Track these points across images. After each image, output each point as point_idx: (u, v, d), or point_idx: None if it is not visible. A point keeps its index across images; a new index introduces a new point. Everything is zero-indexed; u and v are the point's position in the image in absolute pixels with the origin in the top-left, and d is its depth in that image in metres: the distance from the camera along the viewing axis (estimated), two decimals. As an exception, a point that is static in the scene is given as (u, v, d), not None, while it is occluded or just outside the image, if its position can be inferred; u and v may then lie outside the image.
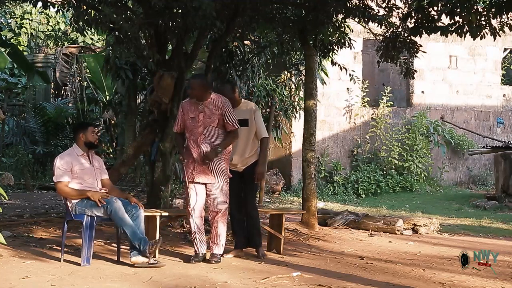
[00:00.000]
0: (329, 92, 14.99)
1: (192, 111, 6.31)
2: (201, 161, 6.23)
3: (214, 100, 6.33)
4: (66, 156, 6.18)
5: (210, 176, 6.28)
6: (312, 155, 8.80)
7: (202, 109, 6.29)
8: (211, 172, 6.27)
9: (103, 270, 5.86)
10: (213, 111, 6.28)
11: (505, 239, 9.32)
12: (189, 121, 6.31)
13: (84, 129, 6.29)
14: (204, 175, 6.29)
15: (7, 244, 5.23)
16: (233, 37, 9.63)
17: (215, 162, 6.27)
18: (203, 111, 6.29)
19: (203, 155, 6.23)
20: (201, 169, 6.27)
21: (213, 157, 6.24)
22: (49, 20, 22.10)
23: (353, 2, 8.36)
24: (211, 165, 6.25)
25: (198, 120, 6.27)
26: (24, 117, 17.19)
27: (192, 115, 6.30)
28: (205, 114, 6.28)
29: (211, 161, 6.23)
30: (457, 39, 9.12)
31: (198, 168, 6.28)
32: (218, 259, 6.36)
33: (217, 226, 6.36)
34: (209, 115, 6.28)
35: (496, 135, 17.07)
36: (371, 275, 6.15)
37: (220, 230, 6.37)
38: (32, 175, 13.58)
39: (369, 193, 14.57)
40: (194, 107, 6.32)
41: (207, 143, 6.25)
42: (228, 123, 6.31)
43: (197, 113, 6.29)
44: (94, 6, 7.73)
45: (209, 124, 6.28)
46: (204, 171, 6.27)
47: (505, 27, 7.70)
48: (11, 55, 13.87)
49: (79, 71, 18.03)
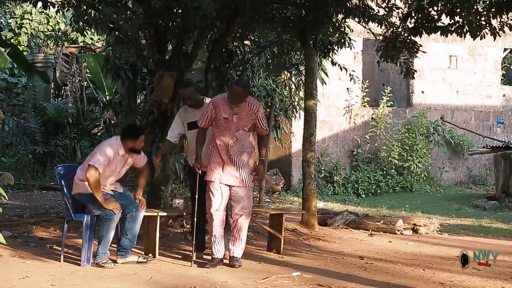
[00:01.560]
0: (329, 92, 14.99)
1: (226, 111, 6.17)
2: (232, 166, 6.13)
3: (250, 103, 6.25)
4: (111, 149, 6.07)
5: (238, 179, 6.17)
6: (312, 155, 8.80)
7: (237, 111, 6.18)
8: (240, 175, 6.17)
9: (103, 270, 5.86)
10: (247, 115, 6.21)
11: (505, 239, 9.32)
12: (221, 121, 6.16)
13: (135, 138, 6.17)
14: (233, 178, 6.17)
15: (7, 244, 5.24)
16: (233, 37, 9.63)
17: (245, 166, 6.18)
18: (238, 113, 6.18)
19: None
20: (230, 171, 6.15)
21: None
22: (49, 20, 22.09)
23: (353, 2, 8.36)
24: (240, 167, 6.16)
25: (231, 121, 6.16)
26: (24, 117, 17.17)
27: (226, 115, 6.16)
28: (239, 117, 6.18)
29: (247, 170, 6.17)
30: (457, 39, 9.12)
31: (227, 169, 6.15)
32: (240, 263, 6.25)
33: (240, 229, 6.25)
34: (243, 118, 6.20)
35: (496, 135, 17.07)
36: (371, 275, 6.15)
37: (244, 233, 6.29)
38: (32, 175, 13.57)
39: (369, 193, 14.56)
40: (228, 107, 6.18)
41: (237, 146, 6.16)
42: (262, 128, 6.31)
43: (231, 114, 6.17)
44: (94, 6, 7.72)
45: (242, 127, 6.19)
46: (233, 174, 6.16)
47: (505, 27, 7.70)
48: (11, 55, 13.87)
49: (79, 71, 18.03)
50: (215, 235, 6.17)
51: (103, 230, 6.00)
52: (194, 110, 6.53)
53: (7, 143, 15.49)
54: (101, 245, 5.99)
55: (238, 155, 6.17)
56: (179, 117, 6.69)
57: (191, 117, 6.49)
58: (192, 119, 6.46)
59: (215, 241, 6.19)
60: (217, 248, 6.20)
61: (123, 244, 6.15)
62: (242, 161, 6.18)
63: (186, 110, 6.68)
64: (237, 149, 6.16)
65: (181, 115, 6.68)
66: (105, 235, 5.99)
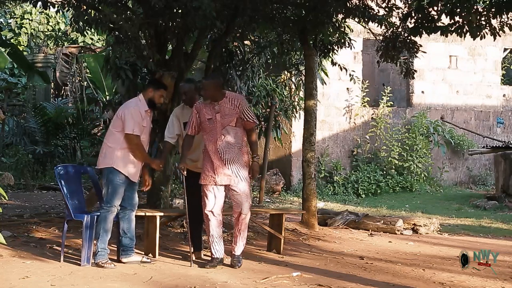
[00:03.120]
0: (329, 92, 14.99)
1: (208, 112, 6.15)
2: (223, 165, 6.08)
3: (230, 98, 6.22)
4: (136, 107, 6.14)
5: (232, 176, 6.12)
6: (312, 155, 8.80)
7: (218, 109, 6.15)
8: (232, 172, 6.12)
9: (103, 270, 5.86)
10: (230, 110, 6.16)
11: (505, 239, 9.31)
12: (206, 123, 6.14)
13: (157, 88, 6.31)
14: (226, 177, 6.12)
15: (7, 244, 5.25)
16: (233, 37, 9.62)
17: (236, 161, 6.13)
18: (220, 111, 6.14)
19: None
20: (222, 171, 6.11)
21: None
22: (49, 20, 22.09)
23: (353, 2, 8.36)
24: (231, 163, 6.11)
25: (215, 121, 6.12)
26: (24, 117, 17.17)
27: (209, 116, 6.13)
28: (222, 114, 6.14)
29: (239, 165, 6.12)
30: (457, 39, 9.12)
31: (219, 170, 6.11)
32: (241, 263, 6.26)
33: (241, 227, 6.24)
34: (227, 115, 6.15)
35: (496, 135, 17.07)
36: (371, 275, 6.15)
37: (245, 231, 6.28)
38: (32, 175, 13.57)
39: (369, 193, 14.56)
40: (209, 108, 6.16)
41: (225, 143, 6.11)
42: (249, 120, 6.23)
43: (213, 113, 6.13)
44: (94, 6, 7.72)
45: (228, 124, 6.14)
46: (226, 173, 6.12)
47: (505, 27, 7.70)
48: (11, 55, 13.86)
49: (79, 71, 18.04)
50: (212, 235, 6.17)
51: (103, 223, 6.01)
52: (190, 109, 6.44)
53: (7, 143, 15.49)
54: (100, 240, 5.99)
55: (227, 152, 6.11)
56: (175, 117, 6.60)
57: (188, 116, 6.40)
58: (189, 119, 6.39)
59: (213, 241, 6.19)
60: (216, 248, 6.20)
61: (125, 244, 6.15)
62: (232, 158, 6.12)
63: (182, 110, 6.63)
64: (225, 146, 6.11)
65: (177, 115, 6.61)
66: (103, 227, 5.99)
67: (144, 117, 6.16)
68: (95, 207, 7.59)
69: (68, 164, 7.70)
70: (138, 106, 6.18)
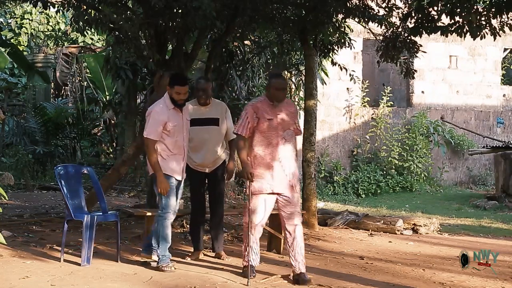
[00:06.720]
0: (329, 92, 15.00)
1: (269, 112, 5.56)
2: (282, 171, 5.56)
3: (287, 101, 5.76)
4: (159, 108, 5.86)
5: (290, 185, 5.62)
6: (312, 155, 8.80)
7: (279, 110, 5.60)
8: (289, 181, 5.60)
9: (103, 270, 5.86)
10: (288, 113, 5.65)
11: (505, 239, 9.31)
12: (266, 123, 5.54)
13: (170, 85, 5.93)
14: (284, 186, 5.58)
15: (7, 244, 5.23)
16: (233, 37, 9.63)
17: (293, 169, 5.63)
18: (281, 112, 5.60)
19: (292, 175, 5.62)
20: (281, 179, 5.57)
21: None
22: (49, 20, 22.09)
23: (353, 2, 8.36)
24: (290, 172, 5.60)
25: (277, 122, 5.56)
26: (24, 117, 17.18)
27: (269, 116, 5.55)
28: (283, 116, 5.60)
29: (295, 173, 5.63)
30: (457, 39, 9.12)
31: (278, 177, 5.56)
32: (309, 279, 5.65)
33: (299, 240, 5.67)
34: (287, 117, 5.63)
35: (496, 135, 17.08)
36: (371, 275, 6.15)
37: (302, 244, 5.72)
38: (32, 175, 13.57)
39: (369, 193, 14.57)
40: (269, 108, 5.59)
41: (286, 149, 5.58)
42: (298, 128, 5.81)
43: (275, 114, 5.57)
44: (94, 6, 7.73)
45: (288, 127, 5.63)
46: (284, 181, 5.58)
47: (505, 27, 7.71)
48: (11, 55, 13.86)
49: (79, 71, 18.04)
50: (251, 246, 5.68)
51: (160, 229, 5.88)
52: (197, 107, 6.41)
53: (7, 143, 15.50)
54: (160, 248, 5.88)
55: (286, 158, 5.59)
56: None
57: (195, 113, 6.33)
58: (196, 116, 6.30)
59: (251, 251, 5.69)
60: (253, 256, 5.74)
61: (153, 243, 6.09)
62: (291, 165, 5.63)
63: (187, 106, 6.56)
64: (285, 151, 5.57)
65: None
66: (162, 235, 5.87)
67: (171, 116, 5.88)
68: (95, 207, 7.59)
69: (68, 164, 7.68)
70: (162, 105, 5.94)
